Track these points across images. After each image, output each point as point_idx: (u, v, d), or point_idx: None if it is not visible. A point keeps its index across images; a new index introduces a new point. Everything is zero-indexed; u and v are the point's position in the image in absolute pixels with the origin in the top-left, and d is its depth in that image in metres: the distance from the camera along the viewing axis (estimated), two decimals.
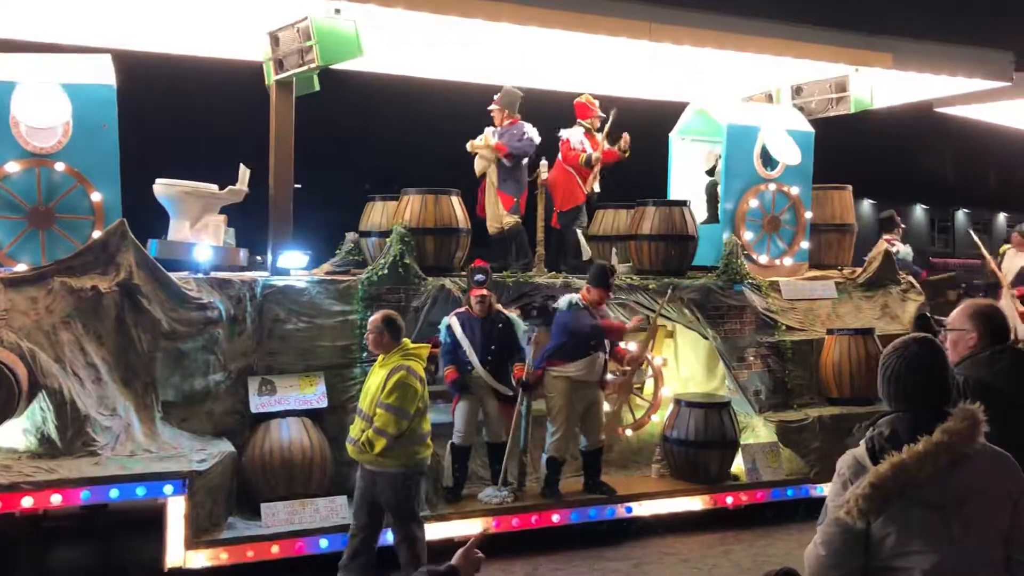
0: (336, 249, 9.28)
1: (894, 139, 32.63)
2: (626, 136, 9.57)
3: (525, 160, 9.05)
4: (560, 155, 9.50)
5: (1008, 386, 3.83)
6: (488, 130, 9.03)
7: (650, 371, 9.23)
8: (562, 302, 7.99)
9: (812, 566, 2.88)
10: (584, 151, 9.44)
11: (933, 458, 2.70)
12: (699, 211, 10.34)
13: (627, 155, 9.58)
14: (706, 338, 9.31)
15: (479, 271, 7.79)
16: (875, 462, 2.77)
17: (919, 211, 39.83)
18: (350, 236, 9.23)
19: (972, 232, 12.59)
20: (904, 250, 11.61)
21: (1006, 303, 12.45)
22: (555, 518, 7.83)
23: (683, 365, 10.00)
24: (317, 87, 8.96)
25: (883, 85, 10.50)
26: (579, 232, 9.49)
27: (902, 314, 10.05)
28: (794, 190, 10.06)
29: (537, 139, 8.98)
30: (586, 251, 9.49)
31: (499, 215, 9.09)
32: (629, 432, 8.90)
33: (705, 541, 8.09)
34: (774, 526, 8.49)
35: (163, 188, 8.28)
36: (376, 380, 6.15)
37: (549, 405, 7.91)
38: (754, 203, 9.87)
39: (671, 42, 8.74)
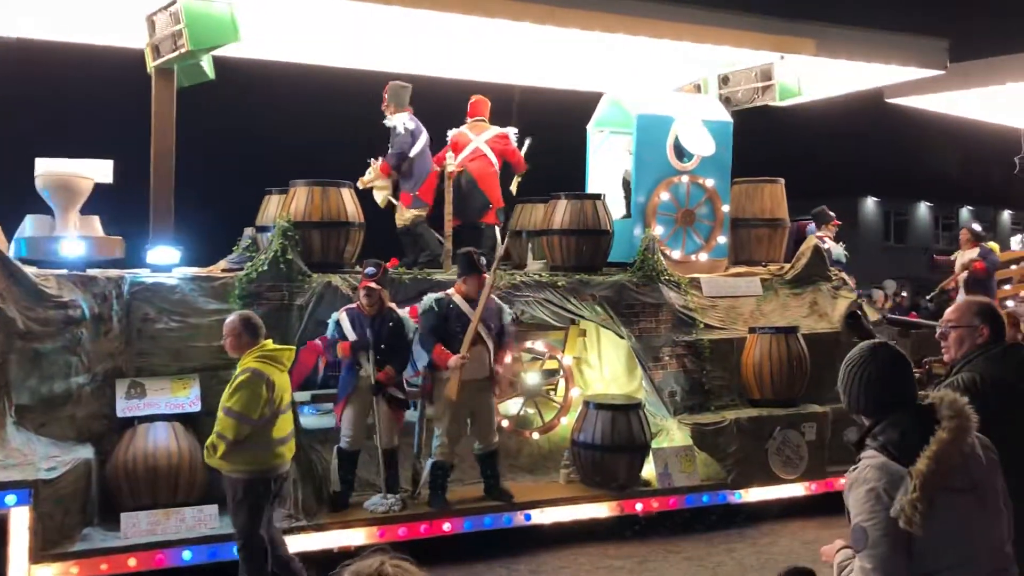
0: (233, 245, 8.87)
1: (888, 133, 32.29)
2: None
3: (415, 150, 8.61)
4: (489, 148, 9.13)
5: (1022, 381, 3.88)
6: (370, 163, 8.67)
7: (561, 371, 8.85)
8: (424, 302, 7.58)
9: None
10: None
11: (958, 444, 2.74)
12: (620, 205, 9.97)
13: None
14: (621, 337, 8.92)
15: (371, 263, 7.41)
16: (903, 465, 2.74)
17: (923, 208, 39.27)
18: (248, 232, 8.83)
19: (934, 255, 12.22)
20: (837, 248, 11.22)
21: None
22: (446, 527, 7.43)
23: (606, 365, 9.60)
24: (211, 76, 8.57)
25: (822, 74, 10.16)
26: (497, 229, 9.13)
27: (832, 312, 9.66)
28: (710, 182, 9.66)
29: (409, 126, 8.53)
30: (501, 249, 9.09)
31: (400, 211, 8.71)
32: (536, 435, 8.50)
33: (709, 539, 8.03)
34: (778, 524, 8.43)
35: (44, 176, 7.84)
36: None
37: (434, 406, 7.52)
38: (666, 196, 9.46)
39: (579, 27, 8.36)
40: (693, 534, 8.08)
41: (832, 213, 11.48)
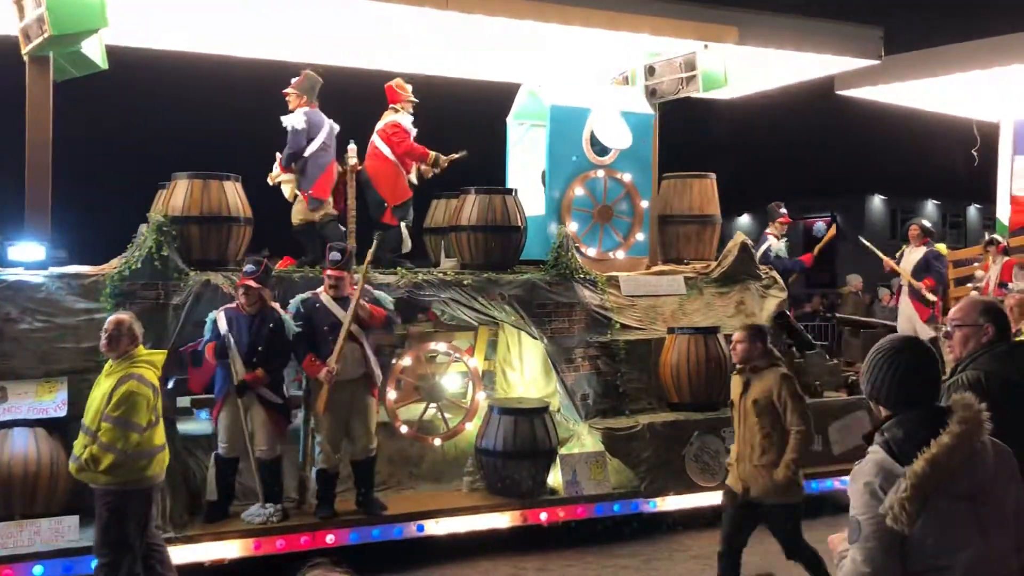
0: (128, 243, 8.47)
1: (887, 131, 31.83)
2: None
3: (314, 146, 8.18)
4: (382, 141, 8.62)
5: None
6: (278, 156, 8.25)
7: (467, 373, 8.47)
8: (291, 305, 7.21)
9: None
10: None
11: (960, 449, 2.69)
12: (540, 201, 9.57)
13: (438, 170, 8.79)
14: (534, 337, 8.54)
15: (251, 261, 7.04)
16: (901, 464, 2.71)
17: (931, 206, 38.73)
18: (143, 228, 8.42)
19: (862, 239, 11.80)
20: (778, 245, 10.81)
21: (904, 302, 11.73)
22: (330, 539, 7.03)
23: (527, 367, 9.21)
24: (103, 66, 8.20)
25: (756, 64, 9.80)
26: (403, 225, 8.69)
27: (759, 312, 9.27)
28: (628, 177, 9.27)
29: (300, 126, 8.07)
30: (407, 245, 8.71)
31: (299, 210, 8.30)
32: (439, 441, 8.11)
33: (715, 537, 7.69)
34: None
35: None
36: (102, 391, 5.53)
37: (313, 411, 7.13)
38: (581, 191, 9.07)
39: (483, 13, 7.99)
40: (699, 532, 8.00)
41: (783, 210, 11.04)
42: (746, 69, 10.08)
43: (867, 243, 11.22)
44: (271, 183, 8.35)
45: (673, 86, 9.43)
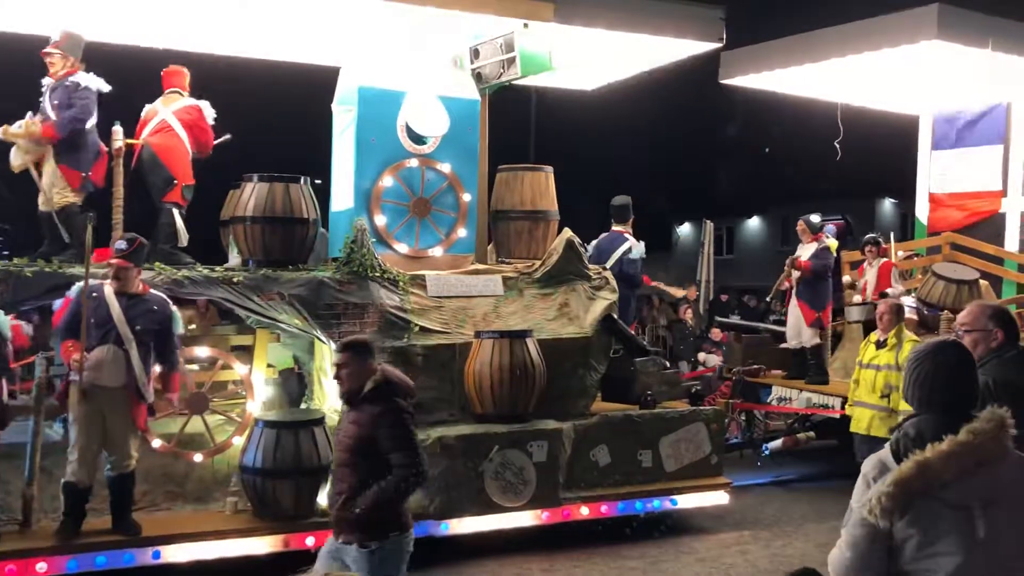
0: None
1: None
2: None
3: (94, 119, 7.39)
4: (178, 122, 7.85)
5: None
6: (28, 117, 7.28)
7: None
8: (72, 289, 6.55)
9: (837, 569, 2.87)
10: None
11: (958, 458, 2.69)
12: None
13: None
14: (322, 342, 7.73)
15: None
16: (899, 462, 2.77)
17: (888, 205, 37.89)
18: None
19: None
20: (638, 246, 10.03)
21: (792, 304, 11.07)
22: (41, 567, 6.17)
23: None
24: None
25: (595, 49, 9.09)
26: (177, 214, 7.84)
27: (584, 315, 8.49)
28: (448, 167, 8.48)
29: (97, 88, 7.32)
30: (183, 236, 7.87)
31: (62, 192, 7.41)
32: (199, 457, 7.24)
33: (721, 540, 8.13)
34: (777, 526, 8.56)
35: None
36: None
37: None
38: (391, 182, 8.27)
39: None
40: (706, 535, 8.12)
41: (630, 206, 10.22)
42: (590, 55, 9.39)
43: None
44: (2, 136, 7.20)
45: (495, 69, 8.65)
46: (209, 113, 8.01)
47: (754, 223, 41.02)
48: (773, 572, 7.29)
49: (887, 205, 35.85)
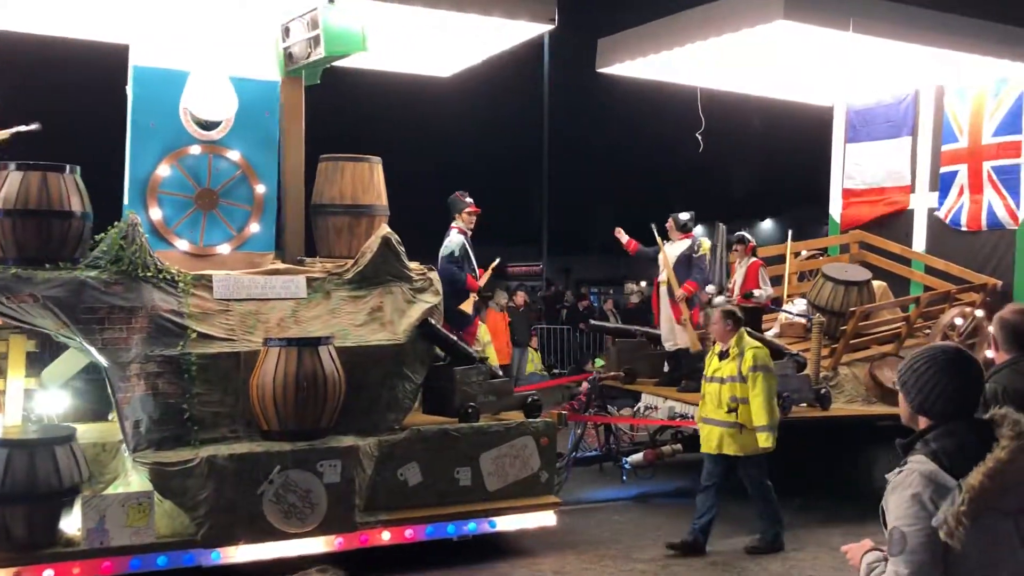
0: None
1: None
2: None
3: None
4: None
5: None
6: None
7: None
8: None
9: None
10: None
11: (1016, 464, 2.64)
12: None
13: None
14: (87, 351, 6.92)
15: None
16: (955, 477, 2.64)
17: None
18: None
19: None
20: (458, 239, 9.23)
21: (664, 303, 10.45)
22: None
23: None
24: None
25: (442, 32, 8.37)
26: None
27: (399, 320, 7.74)
28: (238, 155, 7.70)
29: None
30: None
31: None
32: None
33: (731, 544, 8.00)
34: (804, 530, 8.33)
35: None
36: None
37: None
38: (170, 171, 7.48)
39: None
40: (716, 539, 7.92)
41: (469, 199, 9.45)
42: (419, 36, 8.67)
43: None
44: None
45: (304, 49, 7.87)
46: None
47: None
48: None
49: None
